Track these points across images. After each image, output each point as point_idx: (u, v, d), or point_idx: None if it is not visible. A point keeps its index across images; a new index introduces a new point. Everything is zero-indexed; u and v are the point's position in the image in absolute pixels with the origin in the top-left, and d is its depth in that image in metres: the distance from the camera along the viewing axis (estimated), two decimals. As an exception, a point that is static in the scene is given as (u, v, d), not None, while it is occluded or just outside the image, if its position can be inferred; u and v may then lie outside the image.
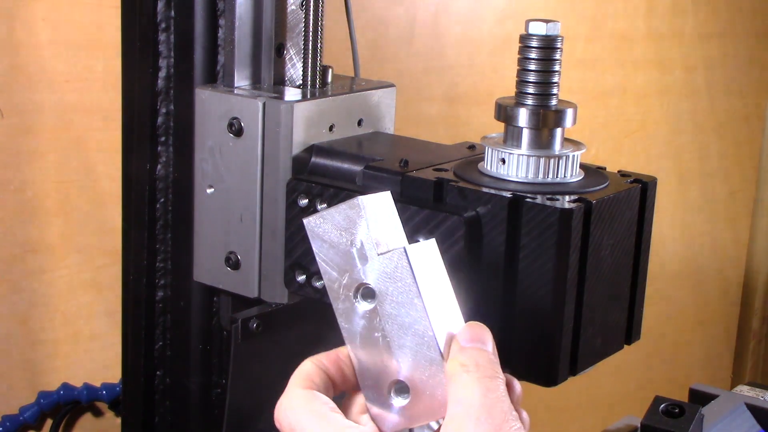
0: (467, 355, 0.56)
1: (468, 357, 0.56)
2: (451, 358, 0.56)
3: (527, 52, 0.69)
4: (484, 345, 0.57)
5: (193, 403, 0.92)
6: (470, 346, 0.56)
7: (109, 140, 1.14)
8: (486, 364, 0.56)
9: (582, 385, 1.77)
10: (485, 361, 0.56)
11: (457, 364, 0.56)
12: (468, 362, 0.56)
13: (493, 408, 0.54)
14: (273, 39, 0.85)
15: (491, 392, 0.55)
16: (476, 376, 0.55)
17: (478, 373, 0.55)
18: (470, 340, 0.57)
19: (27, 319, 1.18)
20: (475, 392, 0.55)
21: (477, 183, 0.68)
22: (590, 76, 1.73)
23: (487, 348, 0.57)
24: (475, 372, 0.55)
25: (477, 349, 0.56)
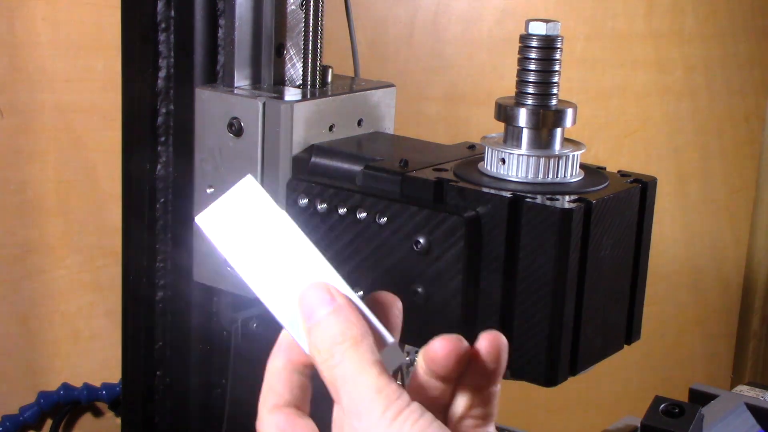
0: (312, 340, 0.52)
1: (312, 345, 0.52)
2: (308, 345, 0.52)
3: (527, 52, 0.69)
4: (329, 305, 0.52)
5: (193, 403, 0.92)
6: (309, 325, 0.52)
7: (109, 140, 1.14)
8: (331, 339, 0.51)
9: (582, 385, 1.77)
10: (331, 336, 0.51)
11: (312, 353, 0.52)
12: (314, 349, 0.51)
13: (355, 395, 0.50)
14: (273, 39, 0.85)
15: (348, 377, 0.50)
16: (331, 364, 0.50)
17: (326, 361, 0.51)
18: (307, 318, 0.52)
19: (27, 319, 1.18)
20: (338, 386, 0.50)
21: (477, 183, 0.68)
22: (590, 76, 1.73)
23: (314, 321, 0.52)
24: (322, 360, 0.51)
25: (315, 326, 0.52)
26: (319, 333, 0.51)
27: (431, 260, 0.67)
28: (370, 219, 0.69)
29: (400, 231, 0.68)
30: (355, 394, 0.50)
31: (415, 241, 0.67)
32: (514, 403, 1.75)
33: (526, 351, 0.66)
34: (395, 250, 0.68)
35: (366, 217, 0.70)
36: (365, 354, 0.51)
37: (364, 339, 0.51)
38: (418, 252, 0.67)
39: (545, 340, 0.65)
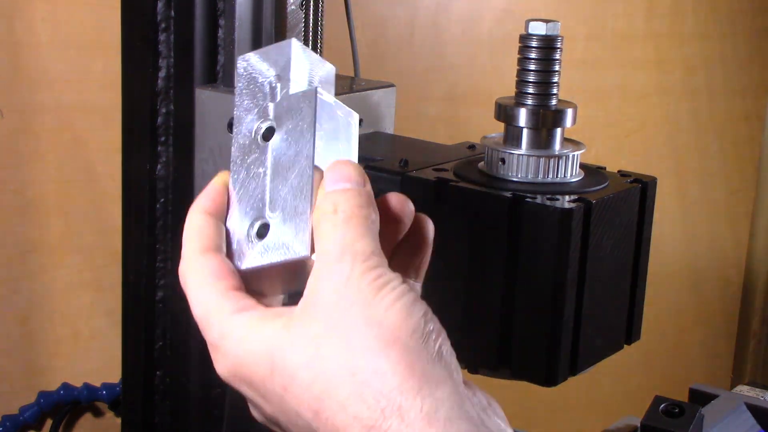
0: (329, 200, 0.51)
1: (329, 202, 0.51)
2: (317, 204, 0.52)
3: (527, 52, 0.69)
4: (350, 182, 0.52)
5: (193, 403, 0.92)
6: (334, 188, 0.52)
7: (109, 140, 1.14)
8: (347, 205, 0.51)
9: (582, 385, 1.77)
10: (347, 202, 0.51)
11: (319, 212, 0.51)
12: (328, 208, 0.51)
13: (344, 255, 0.49)
14: (273, 39, 0.85)
15: (346, 236, 0.50)
16: (333, 222, 0.50)
17: (336, 218, 0.50)
18: (335, 181, 0.52)
19: (27, 319, 1.18)
20: (332, 238, 0.50)
21: (477, 183, 0.68)
22: (590, 76, 1.73)
23: (351, 185, 0.52)
24: (332, 218, 0.50)
25: (340, 191, 0.51)
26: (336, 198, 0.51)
27: (431, 260, 0.67)
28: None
29: (400, 231, 0.68)
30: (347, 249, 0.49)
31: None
32: (514, 403, 1.75)
33: (526, 351, 0.66)
34: (395, 250, 0.68)
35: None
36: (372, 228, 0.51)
37: (374, 219, 0.51)
38: (418, 252, 0.67)
39: (545, 340, 0.65)
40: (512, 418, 1.17)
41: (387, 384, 0.46)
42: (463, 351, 0.68)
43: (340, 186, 0.52)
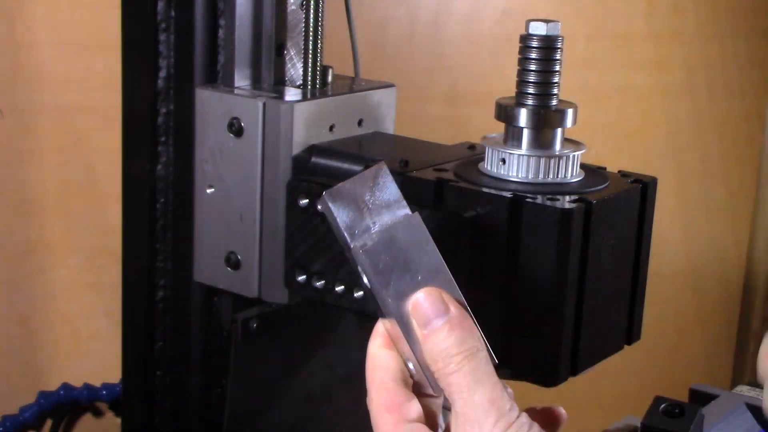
0: (427, 348, 0.55)
1: (428, 351, 0.55)
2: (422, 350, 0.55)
3: (527, 52, 0.69)
4: (437, 319, 0.55)
5: (193, 403, 0.92)
6: (426, 331, 0.55)
7: (109, 140, 1.14)
8: (451, 348, 0.54)
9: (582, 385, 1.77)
10: (442, 348, 0.55)
11: (425, 358, 0.55)
12: (430, 358, 0.55)
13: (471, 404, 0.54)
14: (273, 39, 0.85)
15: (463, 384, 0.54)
16: (443, 373, 0.54)
17: (445, 368, 0.54)
18: (421, 323, 0.55)
19: (27, 319, 1.18)
20: (451, 392, 0.54)
21: (477, 183, 0.68)
22: (590, 76, 1.73)
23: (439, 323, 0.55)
24: (442, 367, 0.54)
25: (430, 335, 0.55)
26: (436, 341, 0.55)
27: (431, 260, 0.67)
28: (370, 219, 0.69)
29: (401, 231, 0.68)
30: (470, 403, 0.54)
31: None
32: (514, 403, 1.75)
33: (526, 351, 0.66)
34: (395, 250, 0.68)
35: (366, 217, 0.70)
36: (480, 365, 0.55)
37: (479, 351, 0.55)
38: (419, 252, 0.67)
39: (545, 340, 0.65)
40: (512, 418, 1.14)
41: None
42: (463, 351, 0.69)
43: (430, 327, 0.55)
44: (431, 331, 0.55)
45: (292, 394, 0.89)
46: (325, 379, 0.91)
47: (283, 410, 0.89)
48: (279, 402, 0.89)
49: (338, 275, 0.74)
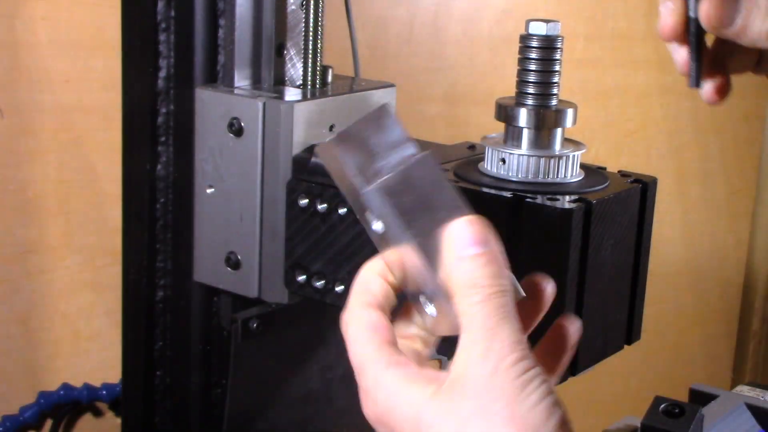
0: (462, 272, 0.53)
1: (464, 273, 0.53)
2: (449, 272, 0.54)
3: (527, 52, 0.69)
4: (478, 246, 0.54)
5: (193, 403, 0.92)
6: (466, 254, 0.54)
7: (109, 140, 1.14)
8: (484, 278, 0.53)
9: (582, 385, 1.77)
10: (483, 275, 0.53)
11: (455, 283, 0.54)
12: (464, 282, 0.53)
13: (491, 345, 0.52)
14: (273, 39, 0.85)
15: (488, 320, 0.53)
16: (474, 301, 0.53)
17: (477, 296, 0.53)
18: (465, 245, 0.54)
19: (27, 319, 1.18)
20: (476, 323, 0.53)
21: (477, 183, 0.68)
22: (590, 76, 1.73)
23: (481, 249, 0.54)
24: (472, 294, 0.53)
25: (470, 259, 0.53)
26: (471, 267, 0.53)
27: (431, 260, 0.67)
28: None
29: (400, 231, 0.68)
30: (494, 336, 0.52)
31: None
32: (514, 403, 1.75)
33: (526, 351, 0.66)
34: (395, 250, 0.68)
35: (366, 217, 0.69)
36: (510, 304, 0.53)
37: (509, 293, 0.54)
38: (418, 252, 0.67)
39: (545, 340, 0.65)
40: (512, 418, 1.13)
41: None
42: (463, 351, 0.69)
43: (469, 251, 0.53)
44: (469, 257, 0.53)
45: (291, 394, 0.89)
46: (324, 378, 0.91)
47: (283, 410, 0.89)
48: (279, 402, 0.89)
49: (338, 275, 0.74)
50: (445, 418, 0.52)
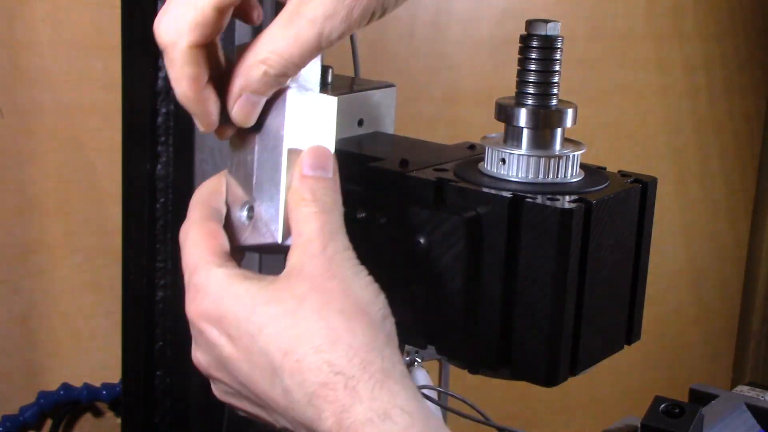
0: (307, 185, 0.59)
1: (308, 188, 0.59)
2: (293, 187, 0.59)
3: (527, 52, 0.69)
4: (326, 172, 0.59)
5: (193, 403, 0.92)
6: (311, 174, 0.59)
7: (109, 140, 1.14)
8: (324, 195, 0.59)
9: (582, 385, 1.77)
10: (323, 192, 0.59)
11: (297, 195, 0.59)
12: (307, 195, 0.58)
13: (328, 242, 0.58)
14: (273, 39, 0.85)
15: (327, 225, 0.58)
16: (313, 210, 0.58)
17: (316, 207, 0.58)
18: (312, 167, 0.59)
19: (27, 319, 1.18)
20: (315, 227, 0.58)
21: (477, 183, 0.68)
22: (590, 76, 1.73)
23: (327, 175, 0.59)
24: (313, 205, 0.58)
25: (317, 179, 0.59)
26: (312, 185, 0.59)
27: (431, 260, 0.67)
28: (370, 219, 0.69)
29: (400, 231, 0.68)
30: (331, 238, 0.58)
31: (415, 241, 0.67)
32: (514, 403, 1.75)
33: (526, 351, 0.66)
34: (395, 250, 0.68)
35: (366, 217, 0.70)
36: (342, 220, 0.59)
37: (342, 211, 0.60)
38: (418, 252, 0.67)
39: (545, 340, 0.65)
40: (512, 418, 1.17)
41: (356, 341, 0.55)
42: (463, 351, 0.69)
43: (318, 173, 0.59)
44: (313, 177, 0.59)
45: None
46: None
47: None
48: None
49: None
50: (283, 297, 0.56)
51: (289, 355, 0.55)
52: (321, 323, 0.55)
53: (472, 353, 0.68)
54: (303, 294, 0.56)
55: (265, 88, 0.58)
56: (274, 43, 0.57)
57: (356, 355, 0.54)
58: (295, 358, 0.55)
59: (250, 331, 0.56)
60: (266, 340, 0.56)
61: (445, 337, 0.68)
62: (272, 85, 0.59)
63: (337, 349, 0.54)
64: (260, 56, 0.57)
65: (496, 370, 0.68)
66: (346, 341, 0.55)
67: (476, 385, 1.50)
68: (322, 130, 0.61)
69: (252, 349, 0.57)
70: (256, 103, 0.59)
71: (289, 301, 0.56)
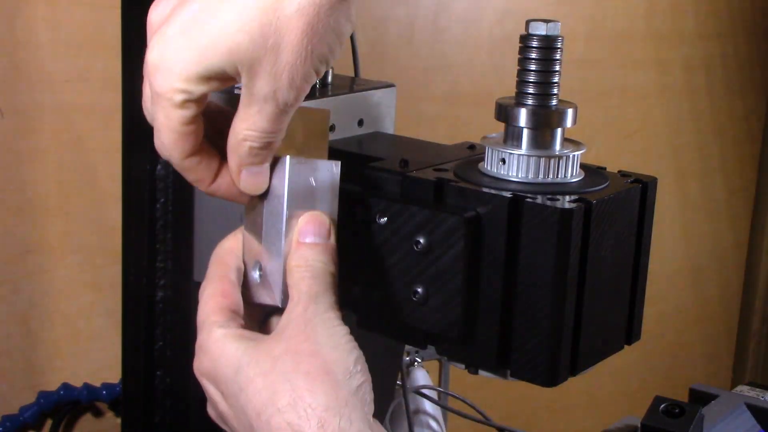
0: (300, 253, 0.64)
1: (301, 255, 0.64)
2: (290, 253, 0.64)
3: (527, 52, 0.69)
4: (321, 238, 0.64)
5: (193, 403, 0.92)
6: (306, 241, 0.64)
7: (109, 140, 1.14)
8: (315, 261, 0.64)
9: (582, 385, 1.77)
10: (315, 258, 0.64)
11: (292, 261, 0.64)
12: (300, 261, 0.64)
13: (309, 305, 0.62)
14: (273, 39, 0.85)
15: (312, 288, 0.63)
16: (303, 275, 0.63)
17: (307, 272, 0.63)
18: (306, 235, 0.64)
19: (27, 319, 1.18)
20: (302, 290, 0.63)
21: (477, 183, 0.68)
22: (590, 76, 1.73)
23: (322, 241, 0.64)
24: (304, 270, 0.63)
25: (309, 245, 0.64)
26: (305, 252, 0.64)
27: (431, 260, 0.67)
28: (370, 219, 0.69)
29: (400, 231, 0.68)
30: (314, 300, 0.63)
31: (415, 241, 0.67)
32: (514, 403, 1.75)
33: (526, 351, 0.66)
34: (395, 250, 0.68)
35: (366, 217, 0.70)
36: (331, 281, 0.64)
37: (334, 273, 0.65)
38: (418, 252, 0.67)
39: (545, 340, 0.65)
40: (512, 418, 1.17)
41: (316, 401, 0.59)
42: (463, 351, 0.69)
43: (309, 240, 0.64)
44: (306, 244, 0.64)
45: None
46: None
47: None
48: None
49: (338, 275, 0.74)
50: (261, 359, 0.61)
51: (261, 416, 0.60)
52: (287, 385, 0.60)
53: (471, 353, 0.68)
54: (278, 356, 0.61)
55: (258, 159, 0.62)
56: (245, 121, 0.61)
57: (314, 415, 0.59)
58: (265, 419, 0.60)
59: (235, 391, 0.62)
60: (245, 399, 0.61)
61: (445, 337, 0.68)
62: (264, 156, 0.62)
63: (298, 409, 0.59)
64: (240, 135, 0.61)
65: (495, 370, 0.68)
66: (306, 402, 0.59)
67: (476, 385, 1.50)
68: (322, 192, 0.65)
69: (237, 408, 0.62)
70: (259, 173, 0.63)
71: (265, 363, 0.61)
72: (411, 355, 1.48)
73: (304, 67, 0.59)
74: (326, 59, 0.60)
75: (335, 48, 0.60)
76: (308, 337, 0.61)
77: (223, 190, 0.65)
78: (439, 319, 0.67)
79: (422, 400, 1.39)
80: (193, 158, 0.62)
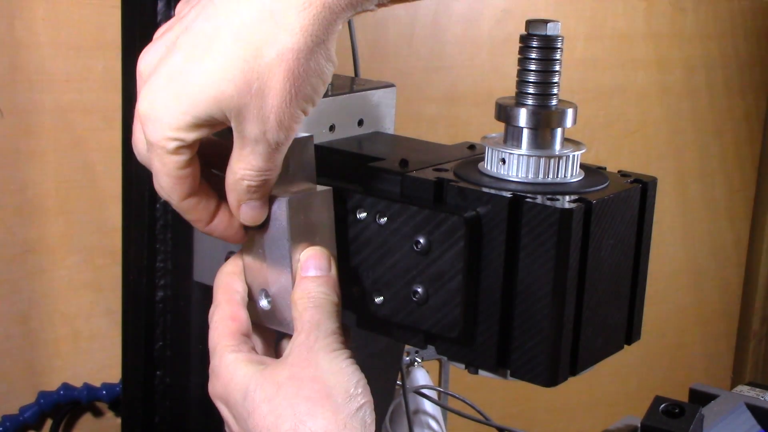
0: (303, 286, 0.67)
1: (304, 288, 0.66)
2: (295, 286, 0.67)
3: (527, 52, 0.69)
4: (323, 270, 0.67)
5: (193, 403, 0.92)
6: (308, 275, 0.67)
7: (109, 140, 1.14)
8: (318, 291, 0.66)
9: (582, 385, 1.77)
10: (317, 290, 0.66)
11: (296, 294, 0.67)
12: (303, 293, 0.66)
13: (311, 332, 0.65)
14: (273, 39, 0.85)
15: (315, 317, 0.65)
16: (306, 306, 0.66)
17: (310, 303, 0.66)
18: (309, 269, 0.67)
19: (27, 319, 1.18)
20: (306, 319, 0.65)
21: (477, 183, 0.68)
22: (590, 76, 1.73)
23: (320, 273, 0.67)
24: (307, 301, 0.66)
25: (311, 278, 0.67)
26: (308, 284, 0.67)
27: (431, 260, 0.67)
28: (370, 219, 0.69)
29: (400, 231, 0.68)
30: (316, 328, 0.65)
31: (415, 241, 0.67)
32: (514, 403, 1.75)
33: (526, 351, 0.66)
34: (395, 250, 0.68)
35: (366, 217, 0.70)
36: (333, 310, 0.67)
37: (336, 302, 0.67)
38: (418, 252, 0.67)
39: (545, 340, 0.65)
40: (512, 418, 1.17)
41: (316, 425, 0.62)
42: (463, 351, 0.69)
43: (312, 273, 0.67)
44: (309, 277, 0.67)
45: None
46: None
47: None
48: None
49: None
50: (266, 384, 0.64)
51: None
52: (289, 410, 0.63)
53: (471, 353, 0.68)
54: (281, 381, 0.64)
55: (257, 195, 0.64)
56: (241, 161, 0.62)
57: None
58: None
59: (243, 414, 0.65)
60: (253, 424, 0.64)
61: (445, 337, 0.68)
62: (262, 192, 0.64)
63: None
64: (237, 175, 0.62)
65: (495, 370, 0.68)
66: (307, 426, 0.62)
67: (476, 385, 1.50)
68: (319, 222, 0.68)
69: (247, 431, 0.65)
70: (258, 206, 0.65)
71: (270, 388, 0.64)
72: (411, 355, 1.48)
73: (291, 108, 0.60)
74: (311, 99, 0.61)
75: (319, 88, 0.61)
76: (310, 363, 0.64)
77: (221, 230, 0.66)
78: (439, 319, 0.67)
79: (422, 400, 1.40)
80: (191, 199, 0.64)
